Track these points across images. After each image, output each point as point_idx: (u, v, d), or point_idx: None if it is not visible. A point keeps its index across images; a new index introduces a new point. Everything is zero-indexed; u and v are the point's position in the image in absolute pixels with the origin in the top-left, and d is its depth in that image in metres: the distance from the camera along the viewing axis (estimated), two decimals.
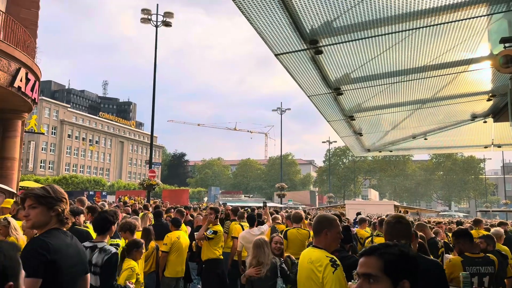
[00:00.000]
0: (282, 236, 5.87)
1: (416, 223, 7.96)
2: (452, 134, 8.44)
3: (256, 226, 7.75)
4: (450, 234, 10.44)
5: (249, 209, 14.57)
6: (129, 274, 4.92)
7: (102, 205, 10.48)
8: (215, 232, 7.09)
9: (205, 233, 7.06)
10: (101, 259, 3.98)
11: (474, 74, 5.20)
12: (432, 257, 4.43)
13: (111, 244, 5.89)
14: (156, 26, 26.12)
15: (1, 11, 15.57)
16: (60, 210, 2.62)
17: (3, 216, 7.21)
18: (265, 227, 7.91)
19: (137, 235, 6.00)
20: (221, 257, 7.30)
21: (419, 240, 4.91)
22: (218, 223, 7.48)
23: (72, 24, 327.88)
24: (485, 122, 7.24)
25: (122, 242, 5.92)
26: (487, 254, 4.58)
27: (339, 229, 3.35)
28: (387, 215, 3.68)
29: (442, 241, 9.00)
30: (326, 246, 3.24)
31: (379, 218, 9.25)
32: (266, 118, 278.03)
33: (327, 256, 3.11)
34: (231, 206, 13.87)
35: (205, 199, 65.96)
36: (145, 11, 26.12)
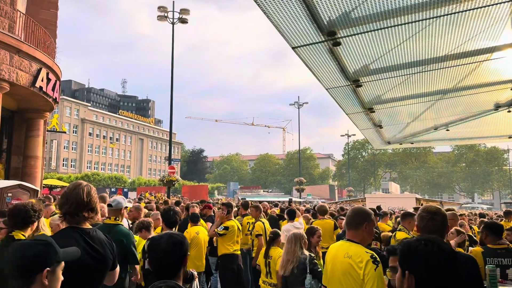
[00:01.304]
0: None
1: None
2: (474, 124, 8.26)
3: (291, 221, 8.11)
4: (475, 227, 10.27)
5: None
6: None
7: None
8: (226, 228, 7.08)
9: (216, 229, 7.11)
10: None
11: (497, 63, 5.07)
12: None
13: None
14: (173, 23, 26.26)
15: (22, 12, 15.86)
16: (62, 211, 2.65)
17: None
18: (301, 221, 8.34)
19: (158, 231, 6.06)
20: (237, 252, 7.24)
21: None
22: (233, 218, 7.48)
23: (88, 24, 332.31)
24: (509, 111, 7.06)
25: (137, 238, 6.01)
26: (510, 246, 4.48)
27: (375, 224, 3.24)
28: (420, 208, 3.41)
29: (466, 233, 8.84)
30: (362, 241, 3.12)
31: (401, 212, 9.11)
32: (282, 113, 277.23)
33: (366, 252, 3.00)
34: (253, 201, 13.87)
35: (217, 195, 66.16)
36: (161, 8, 26.28)
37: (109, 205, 4.97)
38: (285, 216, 8.68)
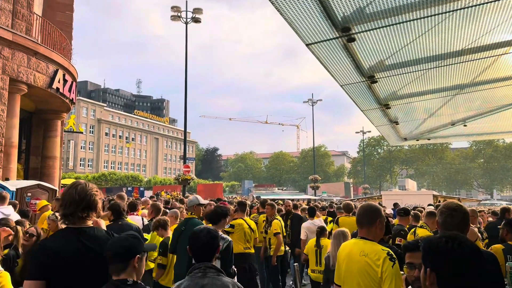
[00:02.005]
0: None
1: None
2: (492, 119, 8.12)
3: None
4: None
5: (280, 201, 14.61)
6: None
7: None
8: (232, 226, 7.01)
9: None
10: (221, 246, 4.03)
11: None
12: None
13: None
14: (186, 23, 26.37)
15: (38, 15, 16.11)
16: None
17: (50, 212, 7.52)
18: (320, 219, 8.77)
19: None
20: (248, 251, 7.05)
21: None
22: (244, 216, 7.40)
23: (101, 25, 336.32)
24: None
25: (148, 237, 6.07)
26: None
27: (384, 219, 3.22)
28: (441, 204, 3.27)
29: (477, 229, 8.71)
30: (375, 237, 3.10)
31: (417, 209, 8.99)
32: (295, 110, 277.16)
33: (383, 249, 2.98)
34: (267, 199, 13.87)
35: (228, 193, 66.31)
36: (175, 8, 26.41)
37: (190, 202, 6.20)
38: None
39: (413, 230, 7.80)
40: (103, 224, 3.95)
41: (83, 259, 2.48)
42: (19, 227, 4.73)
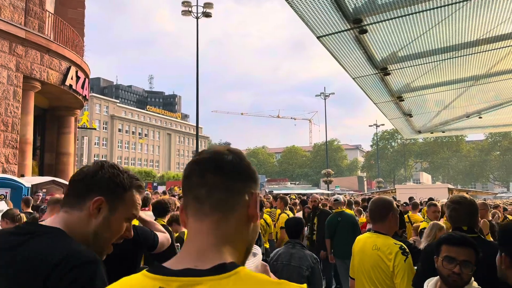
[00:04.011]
0: None
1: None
2: (509, 111, 7.96)
3: None
4: (510, 217, 9.96)
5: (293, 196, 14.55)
6: None
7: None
8: None
9: None
10: None
11: None
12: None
13: None
14: (197, 18, 26.35)
15: (50, 12, 16.24)
16: None
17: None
18: None
19: None
20: (264, 245, 7.19)
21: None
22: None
23: (112, 21, 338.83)
24: None
25: None
26: None
27: (397, 212, 3.19)
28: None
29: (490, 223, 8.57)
30: (388, 231, 3.08)
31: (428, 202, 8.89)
32: (305, 104, 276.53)
33: (395, 243, 2.95)
34: (280, 193, 13.85)
35: None
36: (185, 3, 26.38)
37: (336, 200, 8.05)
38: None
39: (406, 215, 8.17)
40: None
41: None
42: (22, 215, 4.96)
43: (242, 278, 0.84)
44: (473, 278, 2.12)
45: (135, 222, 5.38)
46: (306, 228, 7.80)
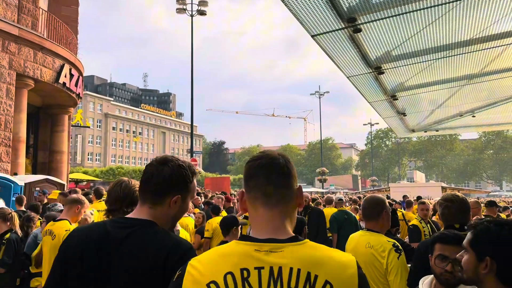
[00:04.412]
0: None
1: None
2: (502, 110, 8.02)
3: None
4: (502, 215, 10.03)
5: None
6: None
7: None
8: (246, 217, 7.15)
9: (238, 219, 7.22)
10: None
11: None
12: None
13: None
14: (192, 16, 26.29)
15: (44, 10, 16.13)
16: None
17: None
18: None
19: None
20: None
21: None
22: None
23: (105, 19, 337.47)
24: None
25: None
26: None
27: (389, 209, 3.19)
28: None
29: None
30: (381, 229, 3.10)
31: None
32: (300, 103, 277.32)
33: (388, 241, 2.96)
34: None
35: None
36: (180, 1, 26.32)
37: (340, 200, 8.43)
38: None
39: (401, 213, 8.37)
40: None
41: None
42: (14, 213, 4.99)
43: (311, 245, 1.27)
44: None
45: None
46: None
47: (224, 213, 8.05)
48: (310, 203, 9.43)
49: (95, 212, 5.93)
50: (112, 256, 1.57)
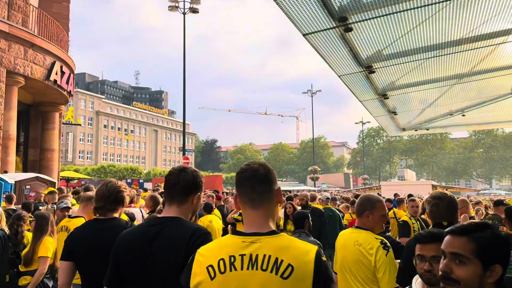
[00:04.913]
0: None
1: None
2: (491, 109, 8.10)
3: None
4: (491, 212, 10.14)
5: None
6: None
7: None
8: (241, 214, 7.20)
9: (233, 215, 7.27)
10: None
11: None
12: None
13: None
14: (184, 13, 26.20)
15: (34, 6, 15.98)
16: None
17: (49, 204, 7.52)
18: None
19: None
20: None
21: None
22: None
23: (96, 16, 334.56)
24: None
25: None
26: None
27: (382, 212, 3.16)
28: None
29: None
30: (372, 227, 3.11)
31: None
32: (292, 101, 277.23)
33: (376, 238, 2.98)
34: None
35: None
36: None
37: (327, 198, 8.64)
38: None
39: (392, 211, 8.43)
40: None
41: (98, 245, 2.88)
42: (1, 212, 4.96)
43: (284, 237, 1.67)
44: None
45: (123, 216, 5.40)
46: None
47: (216, 211, 8.06)
48: (309, 202, 9.35)
49: None
50: (148, 249, 2.08)
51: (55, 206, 6.04)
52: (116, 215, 3.10)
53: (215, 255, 1.67)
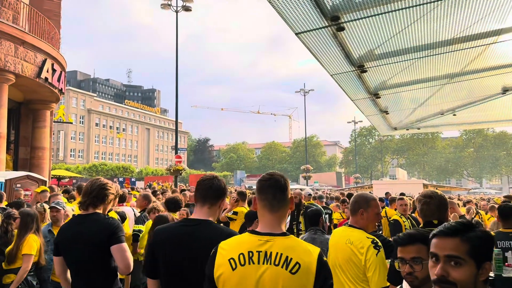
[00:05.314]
0: None
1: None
2: (482, 109, 8.16)
3: None
4: (481, 212, 10.25)
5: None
6: None
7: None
8: (235, 213, 7.27)
9: (227, 214, 7.30)
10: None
11: (504, 45, 4.98)
12: None
13: (134, 230, 6.08)
14: (176, 11, 26.11)
15: (25, 3, 15.84)
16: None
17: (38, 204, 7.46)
18: None
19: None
20: None
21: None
22: (246, 205, 7.60)
23: (88, 13, 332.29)
24: None
25: (143, 228, 6.07)
26: None
27: (377, 210, 3.17)
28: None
29: (475, 220, 8.85)
30: (363, 226, 3.11)
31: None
32: (285, 100, 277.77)
33: (368, 237, 2.98)
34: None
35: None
36: None
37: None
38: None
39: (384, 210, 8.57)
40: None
41: (78, 239, 3.10)
42: None
43: (292, 239, 2.00)
44: None
45: (113, 214, 5.38)
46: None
47: None
48: (303, 201, 9.25)
49: (76, 208, 5.87)
50: (183, 246, 2.39)
51: (44, 204, 5.99)
52: (98, 211, 3.25)
53: (235, 250, 1.97)
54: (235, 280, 1.91)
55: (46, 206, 5.84)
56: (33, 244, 4.62)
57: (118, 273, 3.17)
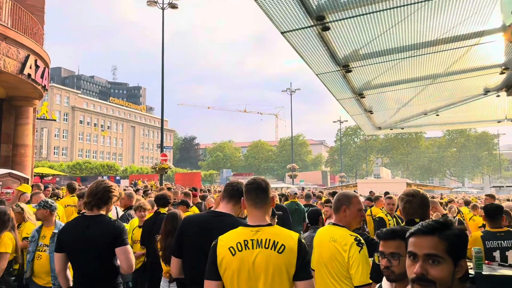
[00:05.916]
0: None
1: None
2: (464, 109, 8.29)
3: None
4: (463, 209, 10.43)
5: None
6: None
7: None
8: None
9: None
10: None
11: (486, 47, 5.06)
12: None
13: None
14: (163, 8, 25.93)
15: None
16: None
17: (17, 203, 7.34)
18: None
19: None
20: None
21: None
22: None
23: (73, 9, 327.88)
24: (498, 96, 7.09)
25: (127, 226, 6.03)
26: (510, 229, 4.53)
27: (359, 207, 3.22)
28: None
29: (457, 219, 9.00)
30: (346, 224, 3.15)
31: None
32: (272, 99, 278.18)
33: (351, 235, 3.02)
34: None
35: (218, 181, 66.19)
36: None
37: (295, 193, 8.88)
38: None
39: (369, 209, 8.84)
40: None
41: (82, 239, 3.31)
42: None
43: (277, 227, 2.54)
44: None
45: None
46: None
47: (194, 208, 8.04)
48: (289, 198, 9.69)
49: (59, 207, 5.80)
50: (209, 233, 2.72)
51: (21, 204, 5.90)
52: (102, 212, 3.47)
53: (233, 240, 2.45)
54: (236, 263, 2.38)
55: (24, 206, 5.77)
56: (8, 242, 4.52)
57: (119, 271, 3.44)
